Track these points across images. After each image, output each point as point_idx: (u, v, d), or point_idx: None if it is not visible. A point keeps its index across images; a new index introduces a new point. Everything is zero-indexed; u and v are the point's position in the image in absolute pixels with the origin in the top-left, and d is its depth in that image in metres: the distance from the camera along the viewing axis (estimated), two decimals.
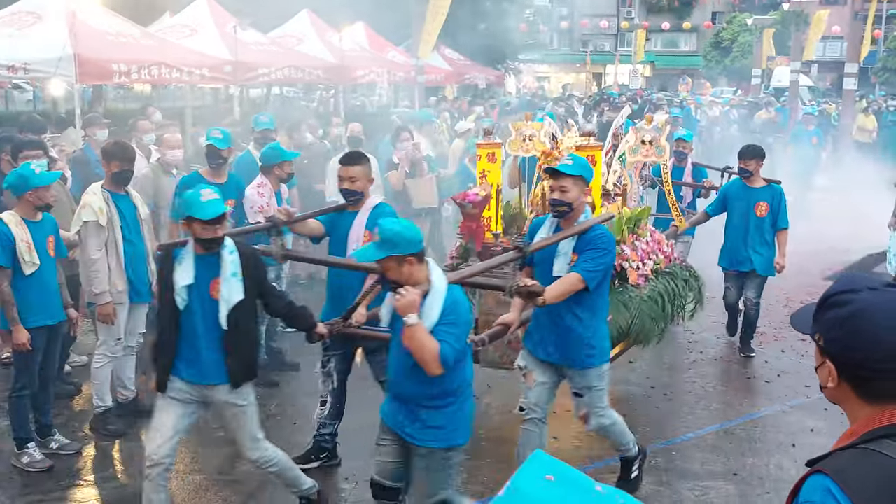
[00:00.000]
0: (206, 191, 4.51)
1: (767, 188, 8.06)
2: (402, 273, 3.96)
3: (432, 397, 4.06)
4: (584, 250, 4.80)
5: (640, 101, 24.92)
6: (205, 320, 4.51)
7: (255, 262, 4.70)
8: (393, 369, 4.22)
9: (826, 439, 5.98)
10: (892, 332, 1.92)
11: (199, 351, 4.54)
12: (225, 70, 12.40)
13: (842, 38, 39.15)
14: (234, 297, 4.48)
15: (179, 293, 4.47)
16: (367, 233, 5.40)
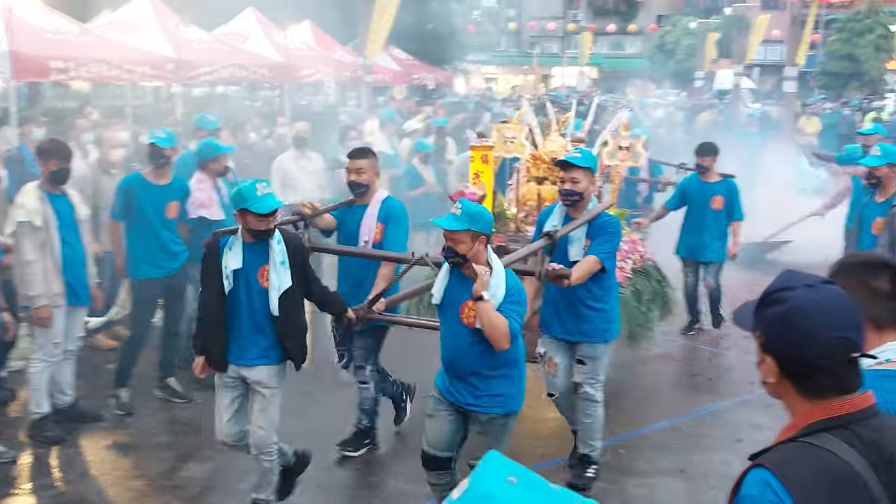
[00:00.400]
0: (261, 185, 4.63)
1: (722, 182, 8.52)
2: (472, 249, 4.20)
3: (493, 367, 4.34)
4: (597, 235, 5.24)
5: (587, 103, 25.10)
6: (249, 305, 4.70)
7: (300, 250, 4.88)
8: (450, 347, 4.43)
9: (770, 434, 6.00)
10: (826, 328, 1.96)
11: (242, 333, 4.73)
12: (167, 68, 12.15)
13: (782, 42, 39.99)
14: (283, 284, 4.66)
15: (228, 277, 4.63)
16: (379, 224, 5.66)
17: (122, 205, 6.53)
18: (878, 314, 2.44)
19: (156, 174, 6.65)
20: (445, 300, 4.42)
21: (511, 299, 4.21)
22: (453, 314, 4.36)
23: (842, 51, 39.02)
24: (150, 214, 6.54)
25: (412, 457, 5.56)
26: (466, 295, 4.24)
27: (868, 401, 2.01)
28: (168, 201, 6.63)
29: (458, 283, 4.33)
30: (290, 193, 9.21)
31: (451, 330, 4.41)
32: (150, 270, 6.58)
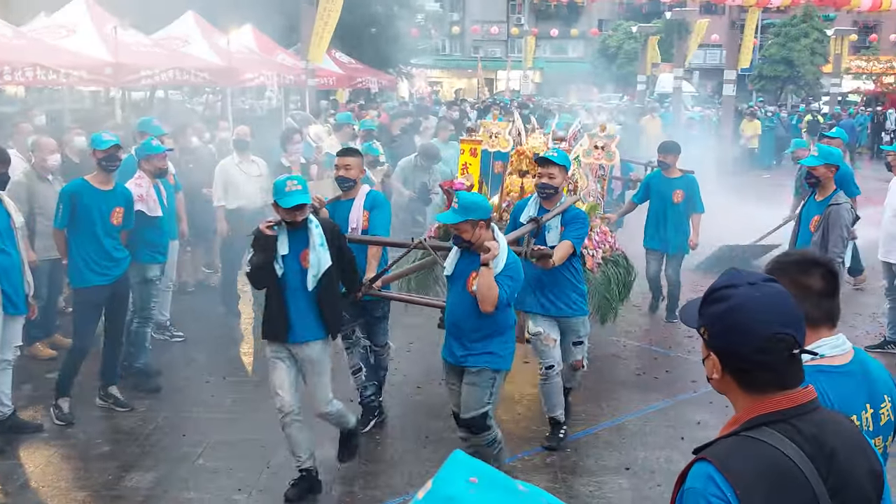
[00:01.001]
0: (292, 182, 5.10)
1: (683, 178, 9.21)
2: (475, 234, 4.87)
3: (488, 329, 5.01)
4: (569, 224, 6.01)
5: (531, 107, 25.33)
6: (296, 286, 5.16)
7: (337, 233, 5.40)
8: (454, 310, 5.10)
9: (712, 431, 6.10)
10: (766, 324, 2.00)
11: (290, 313, 5.18)
12: (105, 72, 11.92)
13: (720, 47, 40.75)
14: (323, 264, 5.15)
15: (278, 261, 5.13)
16: (365, 212, 6.30)
17: (67, 212, 6.38)
18: (811, 311, 2.47)
19: (100, 180, 6.51)
20: (456, 272, 5.10)
21: (508, 273, 4.86)
22: (461, 284, 5.04)
23: (778, 55, 39.95)
24: (95, 221, 6.41)
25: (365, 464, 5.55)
26: (473, 268, 4.92)
27: (808, 395, 2.06)
28: (113, 207, 6.51)
29: (467, 259, 5.03)
30: (234, 198, 9.11)
31: (457, 296, 5.08)
32: (93, 278, 6.45)
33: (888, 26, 50.35)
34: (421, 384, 7.43)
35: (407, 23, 33.24)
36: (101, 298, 6.53)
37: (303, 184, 5.14)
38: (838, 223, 6.66)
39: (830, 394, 2.47)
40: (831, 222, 6.70)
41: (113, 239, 6.54)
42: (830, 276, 2.67)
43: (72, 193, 6.40)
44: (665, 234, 9.13)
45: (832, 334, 2.66)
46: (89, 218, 6.39)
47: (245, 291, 9.81)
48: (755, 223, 12.37)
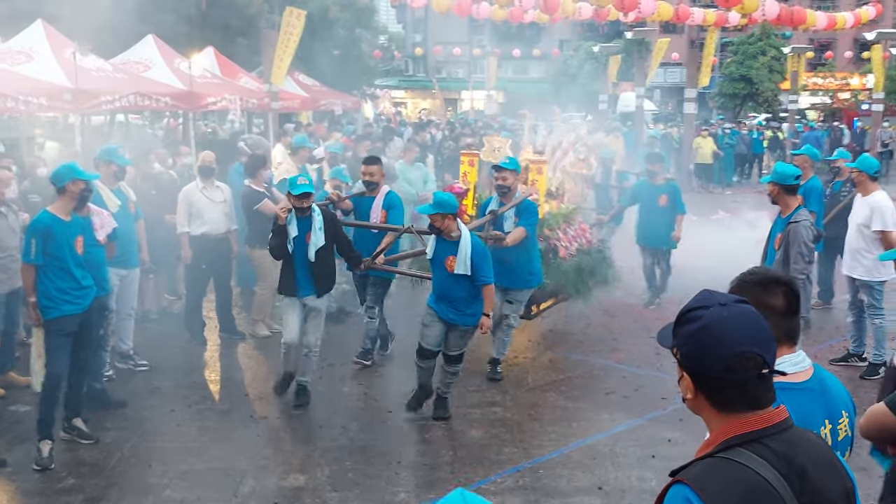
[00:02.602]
0: (302, 178, 7.19)
1: (667, 184, 10.76)
2: (444, 224, 6.75)
3: (468, 297, 6.87)
4: (521, 214, 7.89)
5: (495, 126, 25.40)
6: (302, 258, 7.18)
7: (333, 220, 7.46)
8: (440, 285, 6.94)
9: (683, 449, 6.16)
10: (734, 344, 2.00)
11: (297, 276, 7.24)
12: (64, 98, 11.76)
13: (681, 65, 41.32)
14: (319, 243, 7.16)
15: (290, 242, 7.12)
16: (383, 211, 8.31)
17: (40, 247, 6.24)
18: (772, 329, 2.49)
19: (65, 210, 6.39)
20: (435, 256, 6.94)
21: (477, 254, 6.75)
22: (441, 265, 6.87)
23: (737, 73, 40.58)
24: (65, 252, 6.30)
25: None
26: (447, 251, 6.80)
27: (781, 415, 2.07)
28: (75, 237, 6.41)
29: (441, 245, 6.88)
30: (198, 224, 9.01)
31: (441, 275, 6.92)
32: (67, 307, 6.34)
33: (843, 44, 51.51)
34: (392, 409, 7.37)
35: (370, 45, 33.35)
36: (73, 326, 6.42)
37: (308, 179, 7.18)
38: (797, 240, 6.72)
39: (790, 410, 2.48)
40: (791, 239, 6.76)
41: (81, 267, 6.44)
42: (792, 295, 2.71)
43: (43, 228, 6.26)
44: (655, 233, 10.61)
45: (792, 351, 2.70)
46: (61, 250, 6.29)
47: (209, 318, 9.70)
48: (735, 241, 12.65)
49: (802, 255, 6.74)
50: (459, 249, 6.70)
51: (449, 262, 6.77)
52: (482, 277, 6.78)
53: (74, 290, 6.38)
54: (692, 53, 26.03)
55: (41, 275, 6.30)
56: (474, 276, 6.77)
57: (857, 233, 8.31)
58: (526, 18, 22.21)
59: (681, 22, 21.63)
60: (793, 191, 6.93)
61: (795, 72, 29.36)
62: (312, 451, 6.49)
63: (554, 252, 8.78)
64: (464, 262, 6.70)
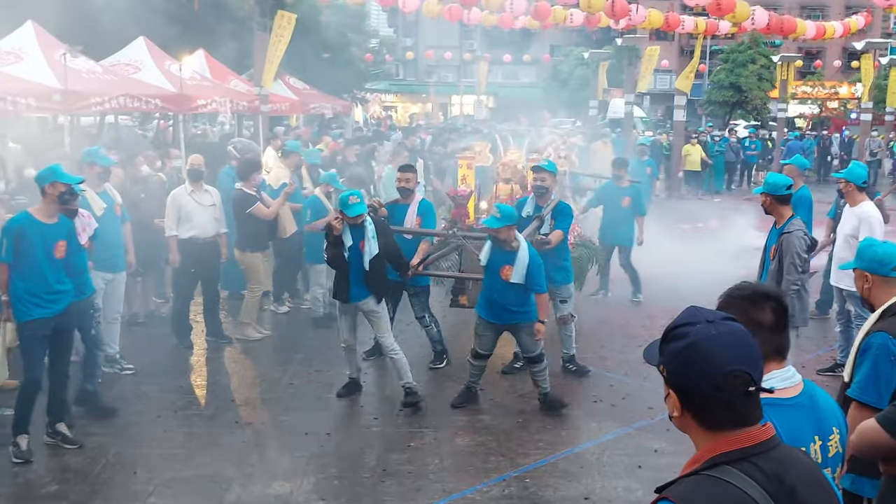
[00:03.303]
0: (353, 197, 7.27)
1: (630, 187, 11.45)
2: (508, 235, 7.02)
3: (521, 302, 7.17)
4: (558, 216, 8.24)
5: (485, 132, 25.40)
6: (356, 266, 7.33)
7: (384, 228, 7.69)
8: (493, 291, 7.19)
9: (669, 459, 6.16)
10: (722, 362, 1.99)
11: (351, 283, 7.39)
12: (53, 98, 11.70)
13: (671, 72, 41.46)
14: (374, 251, 7.33)
15: (345, 249, 7.29)
16: (418, 218, 8.57)
17: (11, 246, 6.21)
18: (761, 346, 2.46)
19: (46, 213, 6.36)
20: (490, 263, 7.17)
21: (535, 266, 7.04)
22: (495, 272, 7.13)
23: (726, 81, 40.74)
24: (39, 255, 6.26)
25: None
26: (503, 260, 7.07)
27: (767, 433, 2.06)
28: (57, 240, 6.37)
29: (497, 253, 7.12)
30: (186, 228, 8.98)
31: (495, 282, 7.16)
32: (37, 311, 6.30)
33: (832, 53, 51.82)
34: (377, 416, 7.36)
35: (361, 48, 33.30)
36: (46, 330, 6.37)
37: (360, 197, 7.30)
38: (790, 251, 6.68)
39: (779, 426, 2.46)
40: (784, 250, 6.73)
41: (56, 272, 6.40)
42: (781, 309, 2.70)
43: (17, 228, 6.24)
44: (617, 231, 11.24)
45: (782, 367, 2.68)
46: (33, 252, 6.25)
47: (197, 322, 9.66)
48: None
49: (796, 265, 6.69)
50: (518, 259, 6.99)
51: (505, 271, 7.04)
52: (537, 287, 7.09)
53: (46, 293, 6.33)
54: (682, 61, 26.18)
55: (13, 275, 6.27)
56: (529, 286, 7.06)
57: (844, 243, 8.33)
58: (517, 24, 22.22)
59: (671, 29, 21.69)
60: (785, 201, 6.90)
61: (784, 80, 29.51)
62: (298, 459, 6.46)
63: None
64: (520, 272, 6.98)
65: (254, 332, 9.53)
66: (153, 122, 23.57)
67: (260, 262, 9.61)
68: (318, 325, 9.96)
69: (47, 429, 6.60)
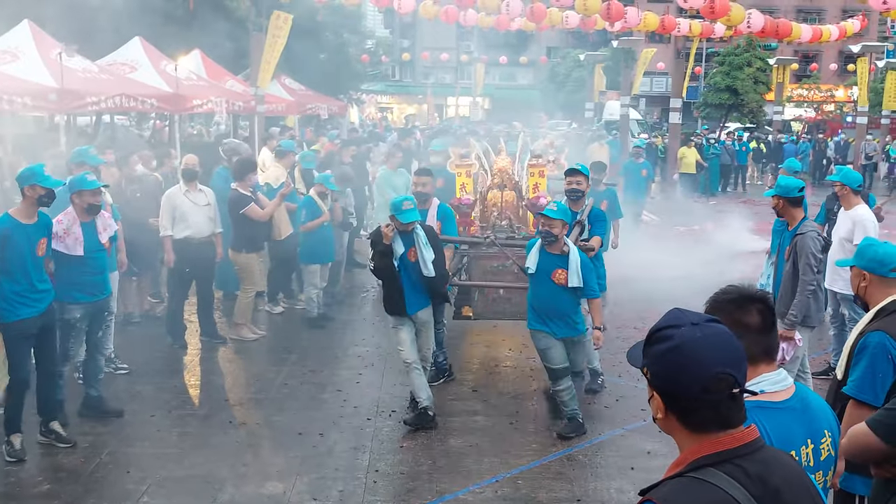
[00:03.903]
0: (407, 202, 6.99)
1: (606, 191, 11.29)
2: (561, 231, 6.71)
3: (576, 306, 6.87)
4: (594, 222, 8.04)
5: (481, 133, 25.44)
6: (409, 275, 7.05)
7: (433, 233, 7.33)
8: (547, 299, 6.79)
9: (662, 461, 6.18)
10: (706, 364, 2.00)
11: (406, 293, 7.06)
12: (49, 98, 11.72)
13: (667, 75, 41.53)
14: (431, 256, 7.02)
15: (395, 257, 6.98)
16: (438, 223, 8.27)
17: None
18: (749, 348, 2.43)
19: (27, 214, 6.36)
20: (539, 269, 6.78)
21: (586, 270, 6.76)
22: (545, 278, 6.74)
23: (722, 83, 40.79)
24: (25, 255, 6.27)
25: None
26: (553, 265, 6.72)
27: (751, 435, 2.07)
28: (38, 239, 6.38)
29: (547, 258, 6.77)
30: (181, 228, 8.99)
31: (547, 289, 6.78)
32: (23, 311, 6.31)
33: (828, 56, 51.96)
34: (371, 416, 7.37)
35: (357, 49, 33.30)
36: (31, 329, 6.39)
37: (413, 203, 7.04)
38: (805, 251, 6.65)
39: (769, 429, 2.48)
40: (799, 251, 6.69)
41: (39, 271, 6.42)
42: (767, 311, 2.70)
43: (2, 232, 6.24)
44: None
45: (771, 369, 2.68)
46: (19, 253, 6.25)
47: (191, 322, 9.66)
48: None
49: (811, 266, 6.66)
50: (570, 262, 6.69)
51: (558, 276, 6.71)
52: (591, 292, 6.81)
53: (30, 293, 6.34)
54: (678, 63, 26.18)
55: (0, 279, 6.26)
56: (583, 291, 6.77)
57: (839, 246, 8.36)
58: (513, 26, 22.25)
59: (667, 32, 21.72)
60: (798, 203, 6.91)
61: (780, 83, 29.62)
62: (292, 459, 6.47)
63: None
64: (577, 275, 6.68)
65: (248, 333, 9.54)
66: (150, 122, 23.57)
67: (255, 263, 9.61)
68: (313, 326, 9.97)
69: (41, 427, 6.60)
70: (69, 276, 6.76)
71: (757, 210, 20.37)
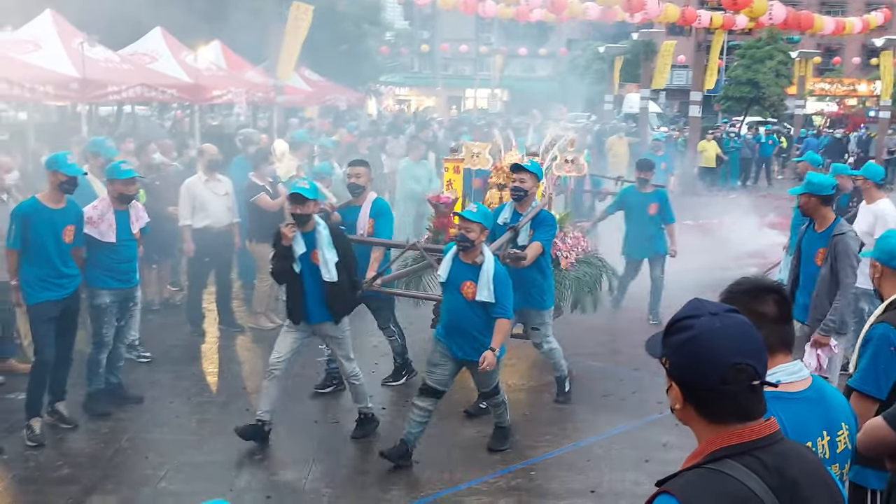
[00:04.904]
0: (302, 181, 6.44)
1: (655, 192, 10.20)
2: (479, 237, 5.85)
3: (487, 327, 5.90)
4: (538, 227, 6.91)
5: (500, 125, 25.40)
6: (311, 279, 6.27)
7: (341, 236, 6.48)
8: (454, 313, 5.97)
9: (678, 453, 6.17)
10: (726, 355, 1.99)
11: (307, 300, 6.32)
12: (71, 87, 11.82)
13: (687, 68, 41.27)
14: (334, 258, 6.21)
15: (296, 259, 6.22)
16: (370, 220, 7.40)
17: (19, 232, 6.31)
18: (767, 338, 2.36)
19: (52, 198, 6.45)
20: (450, 279, 5.96)
21: (499, 282, 5.83)
22: (456, 289, 5.93)
23: (744, 76, 40.48)
24: (46, 239, 6.36)
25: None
26: (465, 275, 5.88)
27: (771, 427, 2.05)
28: (65, 225, 6.46)
29: (459, 267, 5.94)
30: (201, 217, 9.04)
31: (456, 302, 5.96)
32: (45, 294, 6.42)
33: (851, 49, 51.43)
34: (386, 405, 7.41)
35: (377, 40, 33.29)
36: (53, 313, 6.48)
37: (311, 185, 6.28)
38: (847, 253, 6.20)
39: (786, 420, 2.46)
40: (839, 253, 6.21)
41: (64, 256, 6.50)
42: (783, 301, 2.68)
43: (24, 214, 6.35)
44: (644, 243, 10.08)
45: (788, 360, 2.67)
46: (41, 237, 6.36)
47: (210, 310, 9.73)
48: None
49: (854, 268, 6.24)
50: (482, 274, 5.82)
51: (466, 288, 5.87)
52: (500, 310, 5.88)
53: (54, 277, 6.44)
54: (698, 56, 26.00)
55: (23, 260, 6.39)
56: (491, 307, 5.88)
57: None
58: (532, 17, 22.17)
59: (687, 24, 21.61)
60: (829, 201, 6.48)
61: (802, 77, 29.36)
62: (307, 446, 6.52)
63: (555, 262, 7.86)
64: (487, 288, 5.81)
65: (266, 322, 9.59)
66: (171, 113, 23.70)
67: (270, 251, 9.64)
68: None
69: (47, 407, 6.68)
70: (100, 261, 6.85)
71: (777, 204, 20.23)
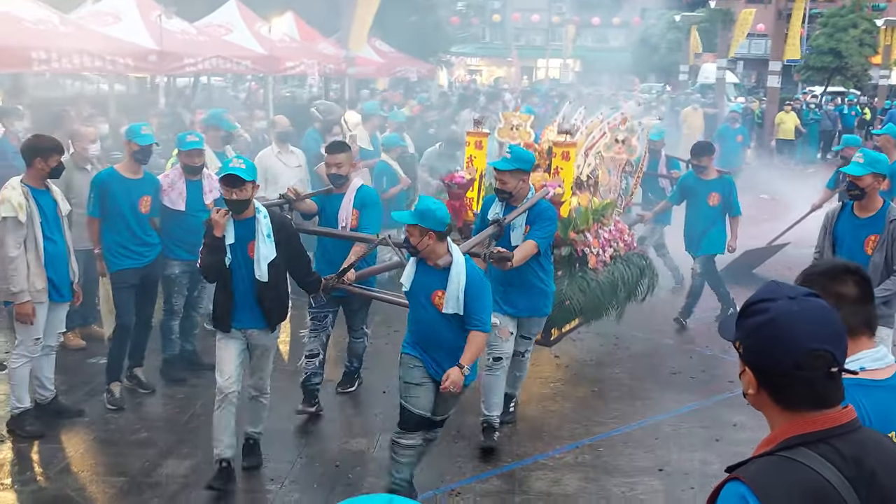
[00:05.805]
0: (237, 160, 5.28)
1: (719, 180, 8.89)
2: (421, 242, 4.79)
3: (461, 341, 4.87)
4: (535, 222, 5.92)
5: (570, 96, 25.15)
6: (243, 277, 5.28)
7: (286, 227, 5.43)
8: (424, 326, 5.00)
9: (749, 434, 6.09)
10: (802, 340, 1.93)
11: (235, 300, 5.31)
12: (149, 59, 12.07)
13: (766, 37, 40.13)
14: (269, 255, 5.20)
15: (228, 255, 5.21)
16: (355, 211, 6.42)
17: (98, 201, 6.52)
18: (848, 319, 2.33)
19: (129, 169, 6.64)
20: (414, 288, 4.99)
21: (473, 291, 4.83)
22: (423, 299, 4.95)
23: (825, 46, 39.19)
24: (124, 209, 6.56)
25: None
26: (432, 283, 4.87)
27: (848, 416, 1.99)
28: (141, 196, 6.64)
29: (424, 273, 4.93)
30: (273, 189, 9.16)
31: (422, 312, 4.99)
32: (125, 262, 6.62)
33: None
34: None
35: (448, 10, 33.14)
36: (134, 280, 6.68)
37: (248, 164, 5.21)
38: None
39: (868, 408, 2.40)
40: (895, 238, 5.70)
41: (142, 225, 6.69)
42: (863, 281, 2.61)
43: (101, 183, 6.56)
44: (698, 236, 8.85)
45: (872, 345, 2.59)
46: (119, 206, 6.55)
47: None
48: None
49: None
50: (450, 281, 4.81)
51: (438, 298, 4.88)
52: (475, 321, 4.86)
53: (134, 245, 6.63)
54: (779, 25, 25.25)
55: (104, 229, 6.60)
56: (466, 318, 4.88)
57: None
58: None
59: None
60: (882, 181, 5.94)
61: (888, 46, 28.29)
62: (375, 417, 6.62)
63: (581, 260, 6.98)
64: (455, 299, 4.82)
65: None
66: (245, 84, 24.01)
67: None
68: (396, 285, 10.01)
69: (126, 371, 6.91)
70: (172, 232, 7.00)
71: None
